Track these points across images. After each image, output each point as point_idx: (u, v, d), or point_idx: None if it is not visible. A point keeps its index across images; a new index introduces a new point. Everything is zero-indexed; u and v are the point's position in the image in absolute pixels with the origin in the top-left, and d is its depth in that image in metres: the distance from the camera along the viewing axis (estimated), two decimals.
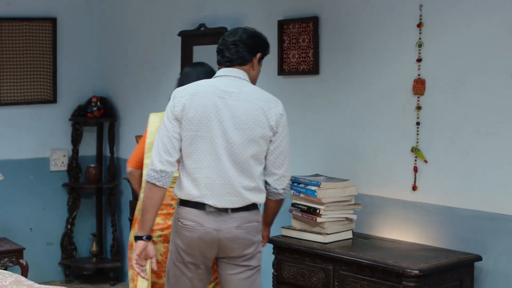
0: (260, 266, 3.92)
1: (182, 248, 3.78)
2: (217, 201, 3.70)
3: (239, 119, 3.69)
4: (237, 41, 3.84)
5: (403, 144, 4.49)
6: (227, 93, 3.73)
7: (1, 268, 5.69)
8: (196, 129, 3.70)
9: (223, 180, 3.70)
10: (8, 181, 6.33)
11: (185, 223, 3.74)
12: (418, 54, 4.38)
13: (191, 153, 3.71)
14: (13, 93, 6.55)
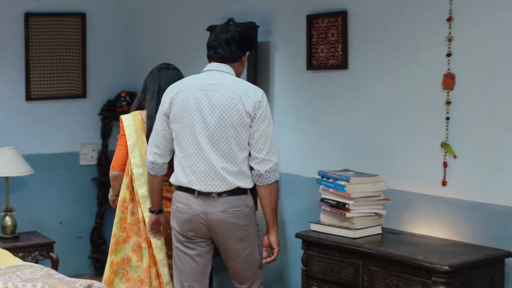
0: (254, 244, 4.21)
1: (176, 229, 4.18)
2: (202, 186, 4.04)
3: (218, 108, 4.00)
4: (229, 39, 4.15)
5: (433, 139, 4.46)
6: (209, 85, 4.07)
7: (32, 261, 5.74)
8: (181, 121, 4.06)
9: (207, 166, 4.02)
10: (38, 175, 6.39)
11: (178, 206, 4.14)
12: (448, 48, 4.35)
13: (179, 143, 4.10)
14: (43, 88, 6.60)
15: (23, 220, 6.33)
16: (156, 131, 4.16)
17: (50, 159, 6.64)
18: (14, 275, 3.95)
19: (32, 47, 6.50)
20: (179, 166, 4.11)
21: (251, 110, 4.00)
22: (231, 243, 4.12)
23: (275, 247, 4.22)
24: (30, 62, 6.49)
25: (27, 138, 6.53)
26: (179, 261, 4.23)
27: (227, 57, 4.15)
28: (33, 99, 6.56)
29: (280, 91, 5.36)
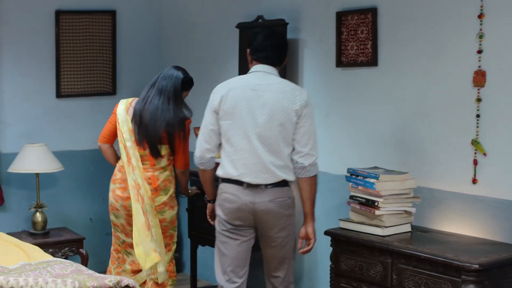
0: (293, 234, 4.50)
1: (223, 218, 4.44)
2: (252, 179, 4.32)
3: (267, 107, 4.29)
4: (278, 44, 4.48)
5: (463, 137, 4.43)
6: (258, 85, 4.35)
7: (62, 257, 5.78)
8: (231, 117, 4.34)
9: (256, 160, 4.31)
10: (68, 172, 6.43)
11: (226, 196, 4.40)
12: (479, 45, 4.32)
13: (229, 139, 4.36)
14: (73, 86, 6.64)
15: (53, 216, 6.38)
16: (206, 126, 4.44)
17: (80, 156, 6.68)
18: (45, 270, 3.98)
19: (62, 45, 6.54)
20: (228, 160, 4.38)
21: (299, 109, 4.30)
22: (274, 231, 4.40)
23: (312, 237, 4.47)
24: (60, 60, 6.53)
25: (57, 135, 6.58)
26: (223, 248, 4.49)
27: (275, 60, 4.45)
28: (63, 96, 6.60)
29: (309, 88, 5.35)
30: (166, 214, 5.14)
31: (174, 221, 5.22)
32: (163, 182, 5.10)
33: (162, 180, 5.10)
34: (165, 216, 5.14)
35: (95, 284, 3.76)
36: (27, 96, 6.45)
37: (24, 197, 6.39)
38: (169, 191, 5.15)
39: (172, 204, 5.18)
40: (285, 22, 5.41)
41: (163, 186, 5.10)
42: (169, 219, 5.17)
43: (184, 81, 5.16)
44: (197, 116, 6.61)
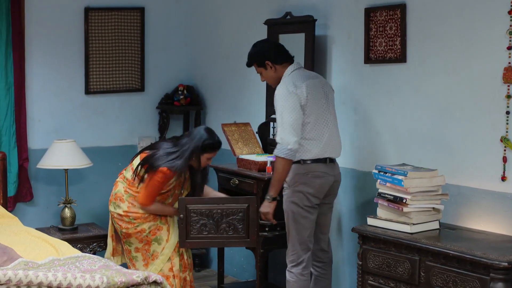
0: None
1: (311, 193, 4.84)
2: (334, 154, 4.92)
3: (329, 95, 4.96)
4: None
5: (492, 134, 4.40)
6: (314, 77, 4.95)
7: (90, 252, 5.82)
8: (317, 109, 4.82)
9: (335, 140, 4.91)
10: (97, 167, 6.47)
11: (317, 174, 4.84)
12: (509, 41, 4.28)
13: (316, 126, 4.82)
14: (102, 82, 6.67)
15: (82, 212, 6.42)
16: (296, 121, 4.74)
17: (108, 152, 6.72)
18: (73, 266, 4.01)
19: (91, 41, 6.57)
20: (314, 143, 4.82)
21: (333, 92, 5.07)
22: (332, 199, 5.03)
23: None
24: (89, 56, 6.57)
25: (86, 131, 6.62)
26: (304, 222, 4.86)
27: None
28: (92, 93, 6.64)
29: (337, 84, 5.34)
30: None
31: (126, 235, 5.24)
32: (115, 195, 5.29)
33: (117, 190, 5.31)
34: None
35: (123, 279, 3.78)
36: (56, 92, 6.49)
37: (52, 193, 6.44)
38: (120, 207, 5.23)
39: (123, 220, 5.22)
40: (314, 18, 5.40)
41: (114, 198, 5.29)
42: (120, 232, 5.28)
43: (205, 143, 5.14)
44: (224, 111, 6.63)
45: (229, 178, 5.64)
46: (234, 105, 6.54)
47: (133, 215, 5.17)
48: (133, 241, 5.21)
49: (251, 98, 6.30)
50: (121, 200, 5.22)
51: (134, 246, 5.22)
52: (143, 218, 5.17)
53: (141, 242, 5.20)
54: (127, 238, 5.23)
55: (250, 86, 6.31)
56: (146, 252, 5.22)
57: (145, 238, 5.19)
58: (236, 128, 5.86)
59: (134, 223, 5.17)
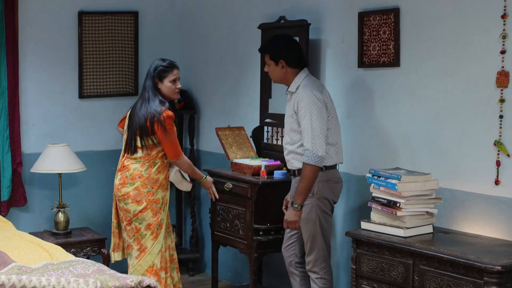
0: None
1: (333, 199, 4.93)
2: (343, 159, 5.04)
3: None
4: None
5: (486, 138, 4.41)
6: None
7: (84, 257, 5.81)
8: (334, 115, 4.90)
9: (341, 145, 5.00)
10: (90, 172, 6.46)
11: (336, 179, 4.93)
12: (502, 45, 4.29)
13: (334, 131, 4.89)
14: (96, 86, 6.67)
15: (76, 216, 6.42)
16: (324, 126, 4.77)
17: (102, 156, 6.71)
18: (67, 270, 4.00)
19: (85, 46, 6.57)
20: (333, 149, 4.89)
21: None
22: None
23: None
24: (83, 60, 6.57)
25: (79, 135, 6.61)
26: (327, 225, 4.93)
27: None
28: (86, 97, 6.63)
29: (331, 88, 5.34)
30: (129, 206, 5.35)
31: (138, 214, 5.35)
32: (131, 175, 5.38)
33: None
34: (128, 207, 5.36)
35: (117, 284, 3.77)
36: (50, 96, 6.48)
37: (46, 197, 6.43)
38: (134, 184, 5.34)
39: (138, 199, 5.32)
40: (307, 22, 5.40)
41: (131, 178, 5.36)
42: (132, 211, 5.33)
43: (157, 69, 5.40)
44: (219, 115, 6.62)
45: (223, 182, 5.64)
46: (228, 109, 6.54)
47: (152, 181, 5.32)
48: (146, 215, 5.30)
49: (245, 102, 6.30)
50: (140, 177, 5.33)
51: (146, 222, 5.31)
52: (159, 185, 5.36)
53: (155, 215, 5.31)
54: (139, 215, 5.30)
55: (244, 90, 6.31)
56: (155, 225, 5.33)
57: (159, 210, 5.33)
58: (230, 132, 5.86)
59: (152, 191, 5.31)
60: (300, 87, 4.85)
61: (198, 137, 6.99)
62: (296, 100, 4.82)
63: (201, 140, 6.97)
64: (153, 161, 5.34)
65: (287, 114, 4.97)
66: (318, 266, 4.87)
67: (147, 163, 5.34)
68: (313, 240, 4.86)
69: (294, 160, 4.90)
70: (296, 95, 4.84)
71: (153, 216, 5.33)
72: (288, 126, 4.93)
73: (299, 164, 4.85)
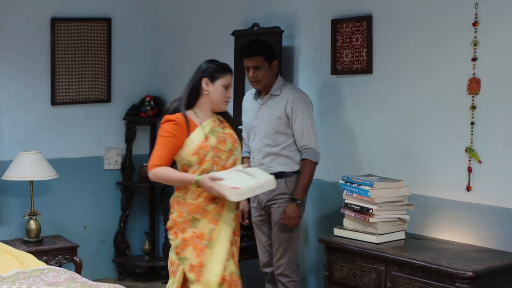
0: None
1: (305, 201, 4.95)
2: None
3: None
4: None
5: (457, 144, 4.44)
6: None
7: (56, 265, 5.76)
8: None
9: None
10: (62, 179, 6.41)
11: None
12: (473, 53, 4.32)
13: None
14: (68, 93, 6.63)
15: (47, 224, 6.36)
16: (315, 126, 4.87)
17: (74, 163, 6.67)
18: (38, 278, 3.97)
19: (57, 52, 6.53)
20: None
21: None
22: None
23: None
24: (55, 67, 6.53)
25: (52, 142, 6.56)
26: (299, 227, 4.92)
27: None
28: (58, 104, 6.59)
29: None
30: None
31: (180, 252, 4.24)
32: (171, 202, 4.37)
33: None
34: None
35: None
36: (22, 103, 6.44)
37: (18, 205, 6.37)
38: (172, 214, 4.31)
39: (175, 230, 4.27)
40: (281, 29, 5.41)
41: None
42: (174, 247, 4.28)
43: (208, 68, 4.35)
44: None
45: None
46: None
47: (188, 210, 4.21)
48: (188, 254, 4.19)
49: None
50: (178, 204, 4.28)
51: (188, 262, 4.18)
52: (197, 211, 4.21)
53: (198, 255, 4.16)
54: (180, 254, 4.22)
55: None
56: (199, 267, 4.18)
57: (203, 248, 4.17)
58: None
59: (188, 218, 4.20)
60: (287, 88, 4.87)
61: None
62: (289, 101, 4.80)
63: None
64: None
65: (269, 117, 4.86)
66: (290, 269, 4.86)
67: (183, 186, 4.27)
68: (289, 242, 4.85)
69: (273, 163, 4.85)
70: (286, 97, 4.83)
71: (196, 255, 4.18)
72: (272, 129, 4.84)
73: (280, 167, 4.84)
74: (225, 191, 4.05)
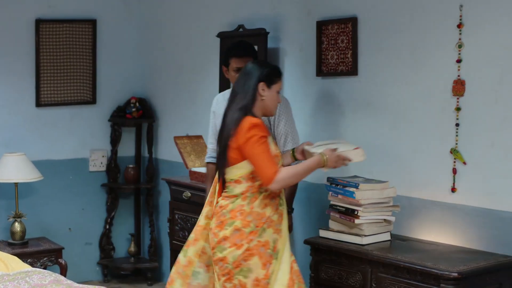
0: None
1: None
2: None
3: None
4: None
5: (442, 146, 4.45)
6: None
7: (41, 267, 5.75)
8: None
9: None
10: (48, 181, 6.40)
11: None
12: (458, 54, 4.34)
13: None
14: (53, 94, 6.61)
15: (32, 226, 6.35)
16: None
17: (59, 165, 6.66)
18: (23, 281, 3.96)
19: (42, 53, 6.52)
20: None
21: None
22: None
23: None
24: (40, 68, 6.51)
25: (36, 144, 6.55)
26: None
27: None
28: (43, 105, 6.57)
29: (289, 97, 5.34)
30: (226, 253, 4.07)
31: (241, 264, 4.03)
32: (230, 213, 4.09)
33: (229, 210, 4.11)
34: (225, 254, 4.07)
35: None
36: (7, 105, 6.42)
37: (2, 207, 6.36)
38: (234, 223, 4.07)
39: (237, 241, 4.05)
40: (266, 31, 5.42)
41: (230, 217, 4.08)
42: (231, 260, 4.05)
43: (269, 72, 4.17)
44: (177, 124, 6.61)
45: (181, 191, 5.62)
46: (186, 118, 6.53)
47: (255, 221, 4.05)
48: (252, 265, 4.01)
49: (204, 110, 6.28)
50: (242, 213, 4.06)
51: (254, 275, 4.01)
52: (265, 221, 4.07)
53: (264, 266, 4.01)
54: (242, 265, 4.03)
55: (202, 98, 6.30)
56: (265, 280, 4.03)
57: (269, 258, 4.04)
58: (188, 141, 5.85)
59: (256, 230, 4.03)
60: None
61: (157, 145, 6.96)
62: (281, 104, 4.63)
63: (159, 149, 6.94)
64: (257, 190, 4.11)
65: None
66: None
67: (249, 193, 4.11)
68: None
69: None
70: None
71: (262, 267, 4.03)
72: None
73: None
74: (350, 155, 4.15)
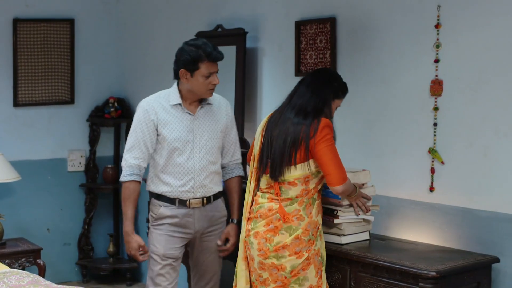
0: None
1: None
2: None
3: None
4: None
5: (420, 145, 4.47)
6: None
7: (19, 268, 5.71)
8: None
9: None
10: (25, 181, 6.36)
11: None
12: (436, 55, 4.36)
13: None
14: (31, 94, 6.58)
15: (10, 226, 6.31)
16: None
17: (37, 166, 6.62)
18: (1, 282, 3.93)
19: (20, 53, 6.48)
20: None
21: None
22: None
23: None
24: (18, 68, 6.48)
25: (14, 144, 6.51)
26: None
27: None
28: (21, 105, 6.54)
29: (268, 97, 5.36)
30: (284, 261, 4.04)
31: (299, 273, 4.03)
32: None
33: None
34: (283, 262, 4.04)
35: None
36: None
37: None
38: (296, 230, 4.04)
39: (298, 249, 4.04)
40: (245, 31, 5.42)
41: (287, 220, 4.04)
42: (289, 269, 4.04)
43: (339, 87, 4.21)
44: None
45: None
46: None
47: (312, 230, 4.07)
48: (310, 274, 4.05)
49: None
50: (300, 218, 4.03)
51: (308, 284, 4.05)
52: (317, 229, 4.11)
53: (317, 274, 4.07)
54: (300, 274, 4.03)
55: None
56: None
57: (320, 266, 4.10)
58: None
59: (313, 240, 4.07)
60: (214, 94, 4.40)
61: None
62: (227, 110, 4.47)
63: None
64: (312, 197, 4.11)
65: (211, 129, 4.39)
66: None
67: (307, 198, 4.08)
68: (220, 269, 4.63)
69: (212, 184, 4.40)
70: (221, 105, 4.47)
71: (316, 274, 4.06)
72: (216, 143, 4.39)
73: (217, 187, 4.45)
74: (367, 191, 4.40)
